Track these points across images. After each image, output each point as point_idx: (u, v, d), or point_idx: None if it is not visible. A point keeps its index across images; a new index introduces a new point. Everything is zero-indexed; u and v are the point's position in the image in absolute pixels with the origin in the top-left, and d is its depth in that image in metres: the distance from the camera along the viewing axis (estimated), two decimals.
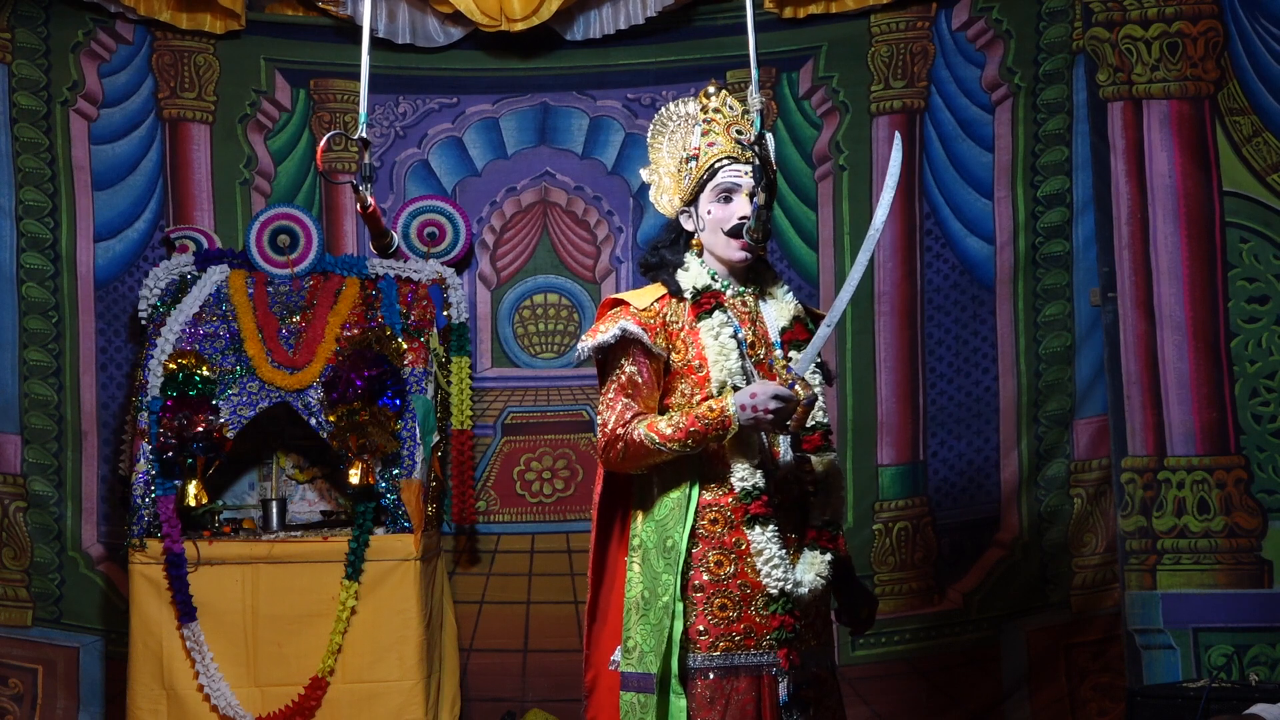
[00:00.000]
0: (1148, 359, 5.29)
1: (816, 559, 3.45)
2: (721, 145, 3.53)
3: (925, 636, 5.73)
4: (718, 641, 3.40)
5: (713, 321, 3.49)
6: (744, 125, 3.54)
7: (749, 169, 3.48)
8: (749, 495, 3.43)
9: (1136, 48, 5.35)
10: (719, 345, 3.47)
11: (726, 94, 3.61)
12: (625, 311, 3.50)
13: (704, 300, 3.51)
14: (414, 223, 5.82)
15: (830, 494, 3.53)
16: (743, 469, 3.44)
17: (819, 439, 3.54)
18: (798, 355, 3.49)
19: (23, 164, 5.64)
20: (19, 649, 5.53)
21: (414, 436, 5.32)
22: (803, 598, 3.41)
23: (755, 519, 3.41)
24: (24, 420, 5.58)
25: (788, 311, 3.57)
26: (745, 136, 3.50)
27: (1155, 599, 5.22)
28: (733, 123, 3.55)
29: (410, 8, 5.88)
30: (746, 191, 3.49)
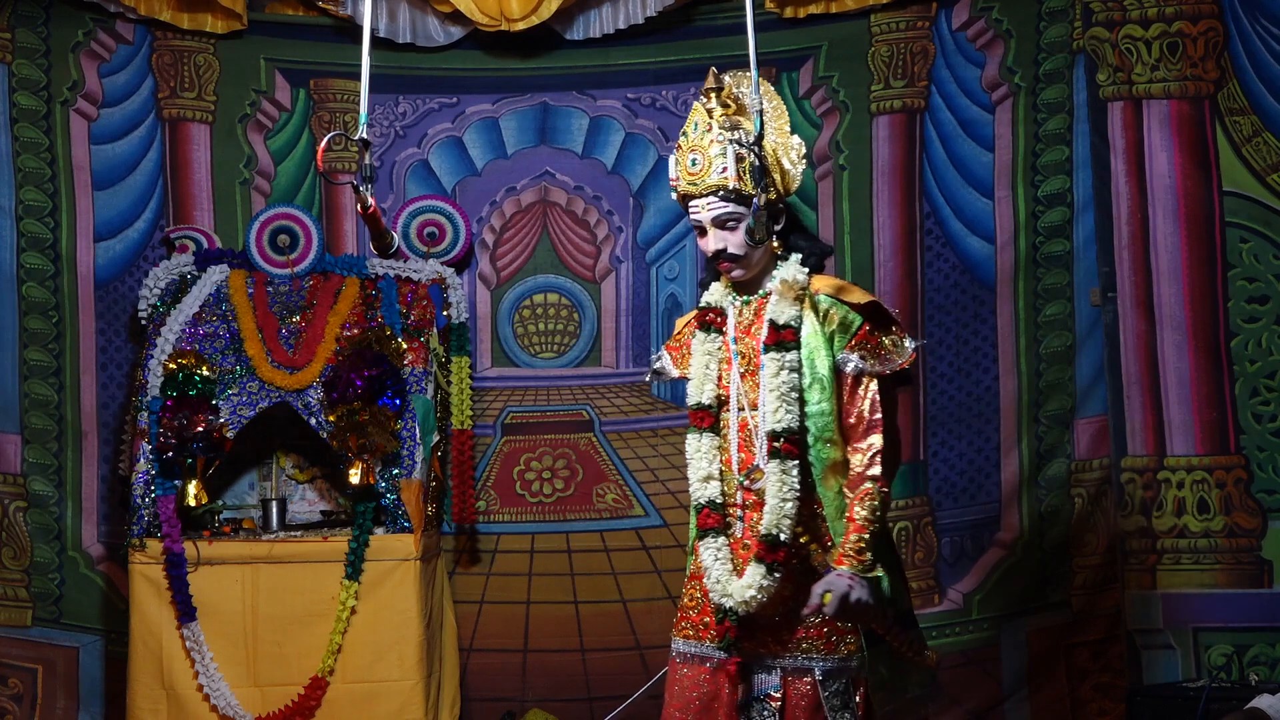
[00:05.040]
0: (1148, 359, 5.29)
1: (753, 572, 3.45)
2: (681, 184, 3.57)
3: (925, 636, 5.72)
4: (684, 627, 3.58)
5: (699, 340, 3.62)
6: (701, 149, 3.53)
7: (706, 201, 3.52)
8: (699, 508, 3.52)
9: (1136, 48, 5.35)
10: (700, 365, 3.59)
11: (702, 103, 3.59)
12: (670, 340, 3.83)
13: (701, 317, 3.63)
14: (414, 223, 5.82)
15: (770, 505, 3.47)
16: (696, 481, 3.54)
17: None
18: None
19: (23, 164, 5.64)
20: (19, 649, 5.53)
21: (414, 436, 5.32)
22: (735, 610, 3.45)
23: (704, 531, 3.51)
24: (24, 420, 5.58)
25: (781, 314, 3.55)
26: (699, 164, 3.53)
27: (1155, 599, 5.22)
28: (693, 148, 3.55)
29: (410, 7, 5.88)
30: (709, 222, 3.54)
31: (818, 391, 3.49)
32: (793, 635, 3.50)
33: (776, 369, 3.47)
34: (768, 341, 3.51)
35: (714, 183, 3.51)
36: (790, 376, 3.47)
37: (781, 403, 3.46)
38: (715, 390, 3.58)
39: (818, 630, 3.50)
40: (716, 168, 3.50)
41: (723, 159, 3.49)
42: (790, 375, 3.47)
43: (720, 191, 3.51)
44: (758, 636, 3.52)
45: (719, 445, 3.57)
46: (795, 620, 3.49)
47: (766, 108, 3.59)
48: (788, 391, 3.47)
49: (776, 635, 3.52)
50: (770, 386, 3.48)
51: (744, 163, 3.50)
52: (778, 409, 3.46)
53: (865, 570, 3.38)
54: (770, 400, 3.47)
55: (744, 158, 3.50)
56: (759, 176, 3.49)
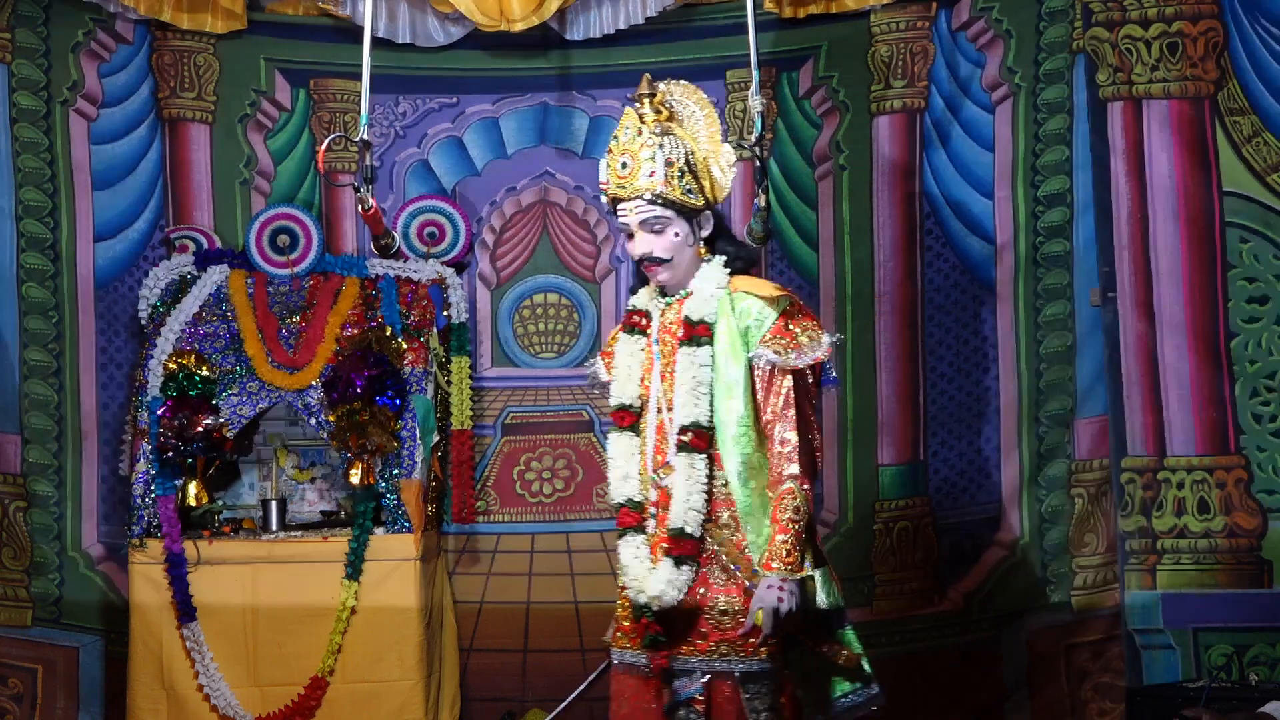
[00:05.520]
0: (1148, 359, 5.28)
1: (662, 567, 3.48)
2: (610, 187, 3.62)
3: (925, 636, 5.73)
4: (619, 637, 3.64)
5: (622, 342, 3.69)
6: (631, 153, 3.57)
7: (634, 204, 3.57)
8: (617, 507, 3.59)
9: (1136, 48, 5.35)
10: (623, 366, 3.65)
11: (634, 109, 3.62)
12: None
13: (627, 320, 3.70)
14: (414, 223, 5.82)
15: (677, 499, 3.50)
16: (615, 480, 3.61)
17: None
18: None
19: (23, 164, 5.64)
20: (19, 649, 5.53)
21: (414, 436, 5.33)
22: (650, 606, 3.48)
23: (623, 530, 3.57)
24: (24, 420, 5.58)
25: (696, 311, 3.58)
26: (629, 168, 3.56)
27: (1155, 599, 5.22)
28: (624, 151, 3.59)
29: (410, 8, 5.88)
30: (636, 226, 3.59)
31: (731, 387, 3.51)
32: (710, 639, 3.51)
33: (688, 364, 3.52)
34: (682, 337, 3.55)
35: (642, 186, 3.55)
36: (701, 372, 3.51)
37: (691, 397, 3.50)
38: (637, 391, 3.63)
39: (734, 631, 3.49)
40: (645, 171, 3.55)
41: (651, 163, 3.54)
42: (701, 370, 3.51)
43: (648, 195, 3.55)
44: (679, 640, 3.53)
45: (639, 445, 3.61)
46: (713, 622, 3.50)
47: (699, 115, 3.66)
48: (697, 386, 3.50)
49: (696, 638, 3.52)
50: (681, 381, 3.52)
51: (673, 167, 3.54)
52: (687, 403, 3.50)
53: (793, 571, 3.40)
54: (681, 395, 3.51)
55: (673, 163, 3.54)
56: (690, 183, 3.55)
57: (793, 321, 3.52)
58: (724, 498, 3.50)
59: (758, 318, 3.52)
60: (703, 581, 3.51)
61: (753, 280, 3.63)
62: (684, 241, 3.59)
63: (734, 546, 3.50)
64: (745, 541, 3.49)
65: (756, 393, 3.51)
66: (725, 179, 3.65)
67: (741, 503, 3.49)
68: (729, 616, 3.48)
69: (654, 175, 3.52)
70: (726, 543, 3.50)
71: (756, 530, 3.47)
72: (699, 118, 3.65)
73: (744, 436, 3.49)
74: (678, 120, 3.64)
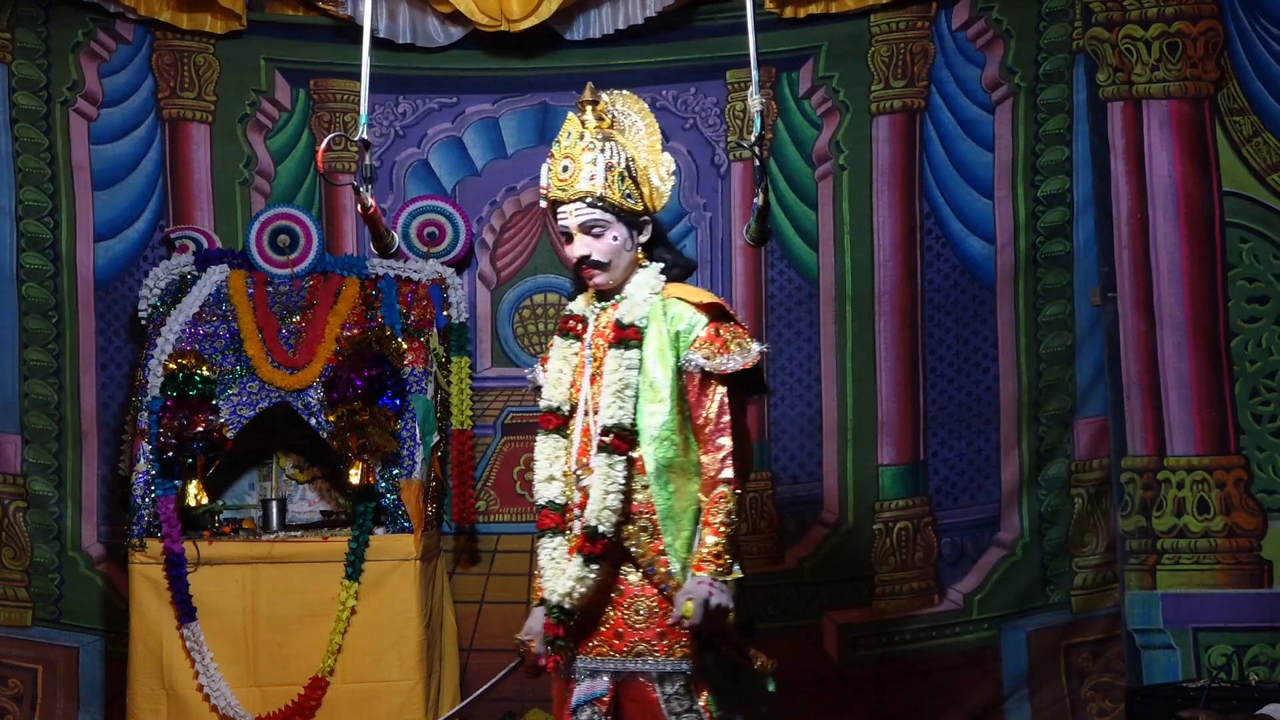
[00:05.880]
0: (1148, 359, 5.29)
1: (572, 565, 3.51)
2: (551, 190, 3.65)
3: (925, 636, 5.73)
4: None
5: (556, 346, 3.71)
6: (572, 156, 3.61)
7: (574, 207, 3.60)
8: (539, 508, 3.61)
9: (1136, 48, 5.35)
10: (554, 369, 3.68)
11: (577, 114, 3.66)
12: None
13: (563, 325, 3.72)
14: (414, 223, 5.82)
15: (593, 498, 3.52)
16: (538, 482, 3.63)
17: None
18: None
19: (23, 164, 5.64)
20: (19, 649, 5.53)
21: (414, 436, 5.32)
22: (562, 604, 3.50)
23: (541, 532, 3.60)
24: (24, 420, 5.58)
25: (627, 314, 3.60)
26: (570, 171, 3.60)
27: (1155, 599, 5.23)
28: (565, 155, 3.63)
29: (410, 8, 5.88)
30: (575, 228, 3.61)
31: (658, 391, 3.53)
32: (625, 639, 3.51)
33: (615, 365, 3.54)
34: (612, 340, 3.58)
35: (582, 189, 3.59)
36: (628, 374, 3.53)
37: (616, 399, 3.52)
38: (566, 394, 3.66)
39: (651, 632, 3.50)
40: (585, 175, 3.59)
41: (592, 167, 3.58)
42: (628, 373, 3.53)
43: (588, 198, 3.59)
44: (593, 639, 3.55)
45: (564, 447, 3.63)
46: (628, 623, 3.51)
47: (640, 124, 3.72)
48: (623, 389, 3.53)
49: (611, 638, 3.53)
50: (608, 383, 3.55)
51: (613, 172, 3.58)
52: (611, 405, 3.52)
53: (724, 573, 3.42)
54: (606, 396, 3.54)
55: (614, 167, 3.58)
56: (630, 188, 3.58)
57: (723, 328, 3.56)
58: (643, 500, 3.52)
59: (688, 324, 3.56)
60: (618, 582, 3.53)
61: (686, 288, 3.66)
62: (622, 246, 3.62)
63: (650, 548, 3.51)
64: (662, 544, 3.51)
65: (684, 398, 3.54)
66: (665, 187, 3.70)
67: (661, 505, 3.51)
68: (643, 617, 3.50)
69: (594, 179, 3.57)
70: (644, 544, 3.52)
71: (674, 534, 3.50)
72: (640, 127, 3.72)
73: (667, 440, 3.52)
74: (619, 128, 3.70)
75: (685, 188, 5.93)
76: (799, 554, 5.80)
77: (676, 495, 3.52)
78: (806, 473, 5.84)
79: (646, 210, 3.66)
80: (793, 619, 5.76)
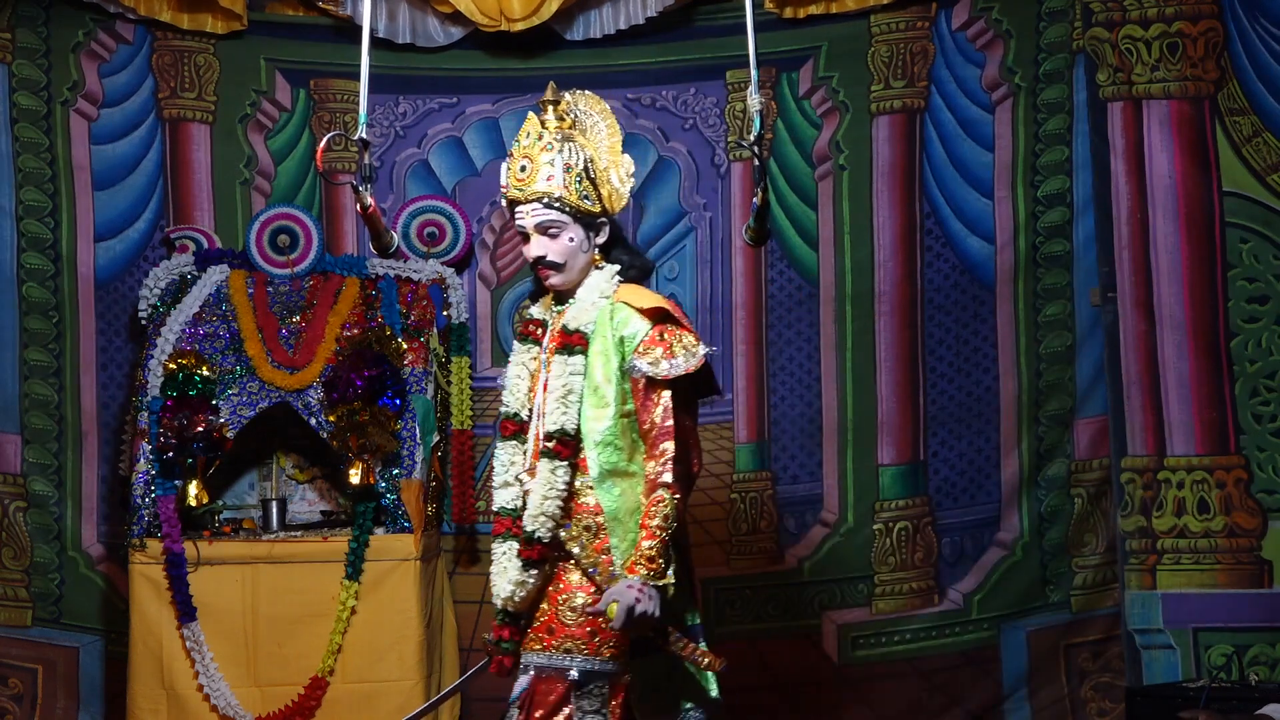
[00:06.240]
0: (1148, 359, 5.29)
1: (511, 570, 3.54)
2: (509, 189, 3.63)
3: (925, 636, 5.73)
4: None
5: (515, 351, 3.73)
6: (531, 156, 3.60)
7: (531, 207, 3.59)
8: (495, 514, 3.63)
9: (1136, 48, 5.35)
10: (513, 375, 3.69)
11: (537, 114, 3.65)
12: None
13: (522, 329, 3.75)
14: (414, 223, 5.82)
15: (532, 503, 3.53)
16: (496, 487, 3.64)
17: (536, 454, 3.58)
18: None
19: (23, 164, 5.64)
20: (19, 649, 5.53)
21: (414, 436, 5.32)
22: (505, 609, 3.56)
23: (497, 537, 3.61)
24: (24, 420, 5.58)
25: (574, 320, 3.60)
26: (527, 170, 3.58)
27: (1155, 599, 5.23)
28: (524, 154, 3.62)
29: (410, 8, 5.88)
30: (532, 228, 3.60)
31: (603, 395, 3.53)
32: (556, 634, 3.52)
33: (560, 371, 3.55)
34: (558, 345, 3.59)
35: (539, 190, 3.58)
36: (573, 380, 3.54)
37: (560, 405, 3.53)
38: (524, 400, 3.66)
39: (582, 630, 3.50)
40: (543, 175, 3.57)
41: (550, 167, 3.57)
42: (573, 379, 3.54)
43: (545, 199, 3.58)
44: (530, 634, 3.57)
45: (522, 453, 3.64)
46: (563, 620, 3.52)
47: (602, 126, 3.70)
48: (567, 394, 3.53)
49: (543, 633, 3.54)
50: (552, 389, 3.55)
51: (571, 173, 3.57)
52: (555, 410, 3.53)
53: (656, 577, 3.41)
54: (550, 402, 3.55)
55: (572, 168, 3.57)
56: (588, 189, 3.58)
57: (668, 332, 3.54)
58: (588, 502, 3.53)
59: (633, 329, 3.55)
60: (558, 578, 3.54)
61: (636, 291, 3.63)
62: (578, 247, 3.62)
63: (594, 550, 3.51)
64: (607, 545, 3.51)
65: (630, 402, 3.53)
66: (625, 189, 3.69)
67: (607, 508, 3.51)
68: (576, 614, 3.50)
69: (552, 179, 3.57)
70: (587, 546, 3.52)
71: (620, 536, 3.50)
72: (601, 128, 3.70)
73: (611, 445, 3.52)
74: (580, 129, 3.69)
75: (685, 188, 5.93)
76: (799, 554, 5.80)
77: (623, 498, 3.52)
78: (806, 473, 5.84)
79: (604, 212, 3.65)
80: (793, 619, 5.77)
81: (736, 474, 5.85)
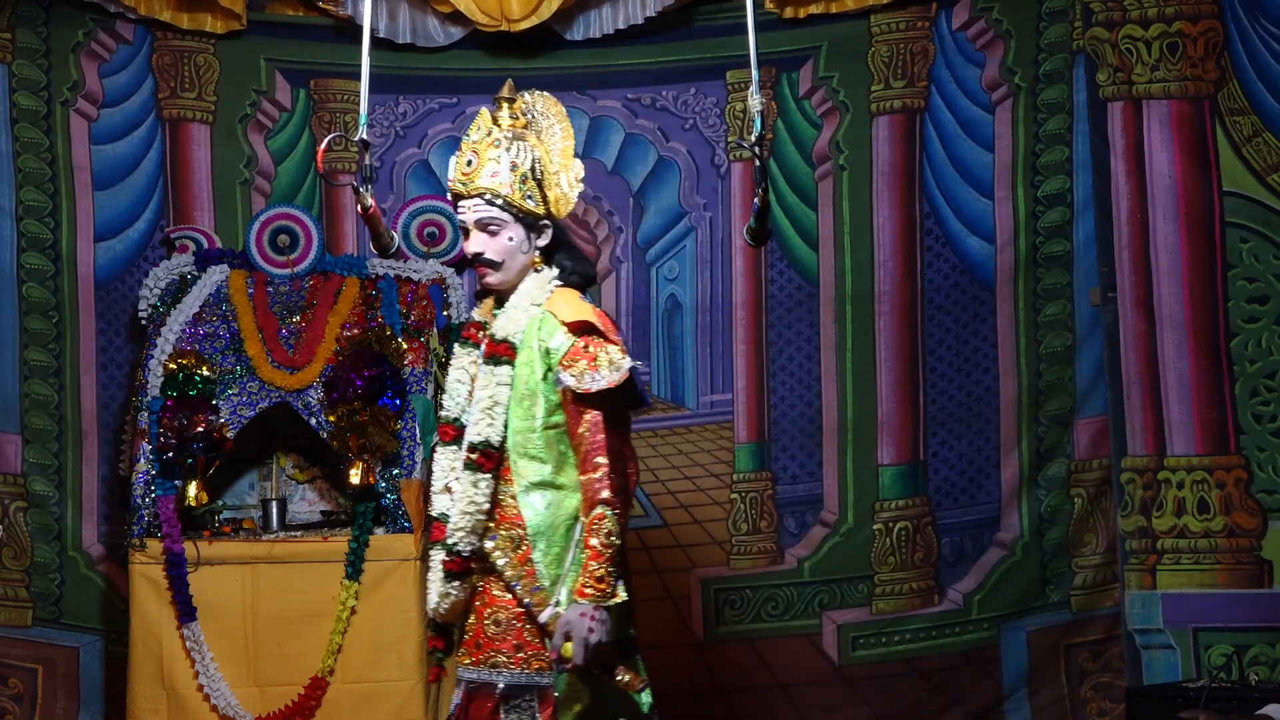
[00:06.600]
0: (1148, 359, 5.29)
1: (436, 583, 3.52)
2: (454, 183, 3.58)
3: (925, 636, 5.73)
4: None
5: (456, 354, 3.66)
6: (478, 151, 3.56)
7: (473, 202, 3.54)
8: (432, 520, 3.60)
9: (1136, 48, 5.36)
10: (453, 379, 3.63)
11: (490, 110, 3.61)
12: None
13: (464, 332, 3.68)
14: (414, 223, 5.81)
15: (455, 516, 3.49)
16: (434, 494, 3.59)
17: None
18: None
19: (23, 164, 5.64)
20: (19, 649, 5.53)
21: (414, 436, 5.32)
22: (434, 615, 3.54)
23: (434, 544, 3.57)
24: (24, 420, 5.58)
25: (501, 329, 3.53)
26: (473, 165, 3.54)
27: (1155, 599, 5.23)
28: (471, 148, 3.58)
29: (410, 8, 5.88)
30: (472, 224, 3.55)
31: (529, 406, 3.47)
32: (484, 649, 3.48)
33: (486, 382, 3.50)
34: (485, 355, 3.53)
35: (482, 185, 3.53)
36: (498, 390, 3.48)
37: (485, 416, 3.47)
38: (464, 404, 3.59)
39: (508, 644, 3.46)
40: (488, 171, 3.53)
41: (496, 164, 3.52)
42: (499, 389, 3.48)
43: (487, 195, 3.53)
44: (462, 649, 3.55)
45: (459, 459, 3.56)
46: (487, 633, 3.48)
47: (556, 128, 3.65)
48: (492, 405, 3.47)
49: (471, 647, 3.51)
50: (478, 399, 3.49)
51: (517, 171, 3.52)
52: (480, 421, 3.47)
53: (606, 598, 3.33)
54: (475, 413, 3.49)
55: (518, 166, 3.53)
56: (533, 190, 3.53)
57: (593, 344, 3.45)
58: (513, 514, 3.47)
59: (558, 341, 3.47)
60: (484, 592, 3.51)
61: (567, 300, 3.54)
62: (518, 247, 3.55)
63: (518, 561, 3.46)
64: (530, 556, 3.45)
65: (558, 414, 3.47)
66: (573, 194, 3.63)
67: (531, 520, 3.45)
68: (500, 628, 3.46)
69: (496, 176, 3.52)
70: (510, 556, 3.46)
71: (544, 550, 3.44)
72: (556, 131, 3.66)
73: (537, 458, 3.47)
74: (534, 129, 3.64)
75: (685, 188, 5.93)
76: (799, 554, 5.81)
77: (549, 510, 3.46)
78: (806, 473, 5.85)
79: (549, 214, 3.58)
80: (793, 619, 5.77)
81: (736, 474, 5.85)
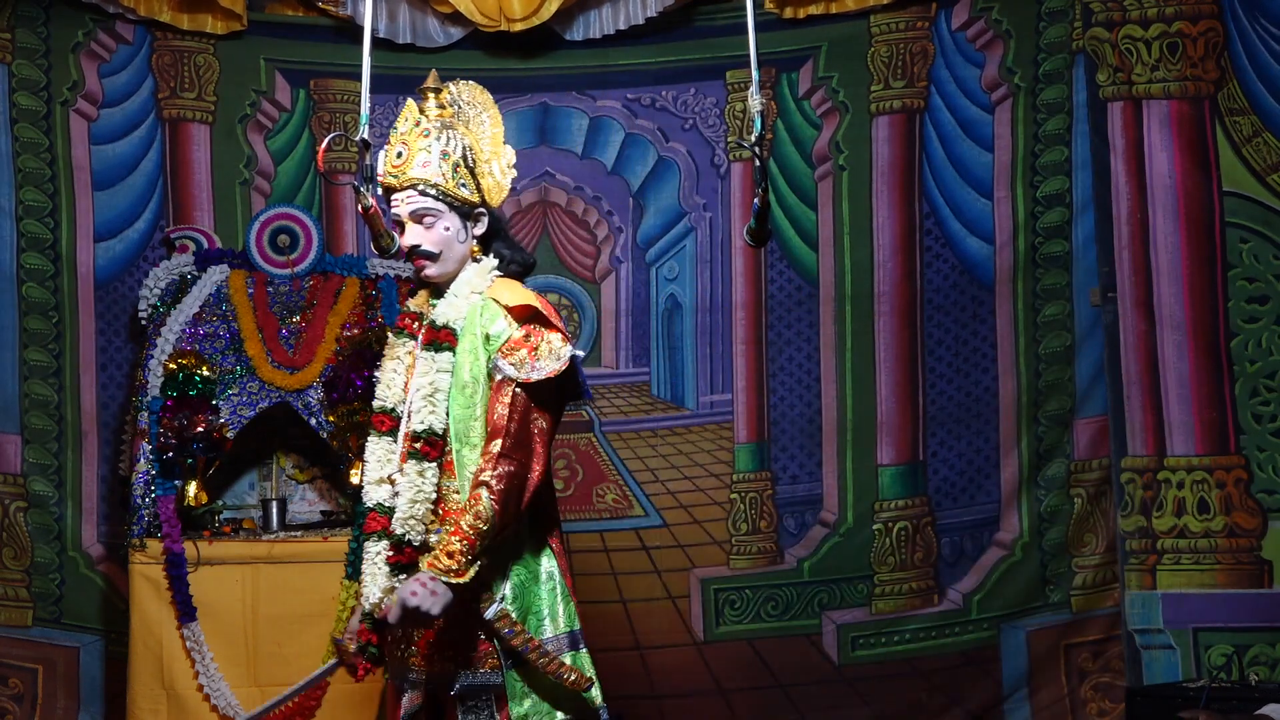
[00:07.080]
0: (1148, 359, 5.29)
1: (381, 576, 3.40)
2: (385, 177, 3.50)
3: (925, 636, 5.73)
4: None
5: (390, 344, 3.57)
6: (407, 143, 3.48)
7: (406, 194, 3.47)
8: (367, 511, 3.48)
9: (1136, 48, 5.36)
10: (388, 369, 3.54)
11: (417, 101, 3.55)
12: None
13: (399, 322, 3.59)
14: None
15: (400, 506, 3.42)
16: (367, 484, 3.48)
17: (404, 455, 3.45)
18: None
19: (23, 164, 5.64)
20: (19, 649, 5.53)
21: None
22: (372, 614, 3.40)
23: (367, 536, 3.46)
24: (24, 420, 5.58)
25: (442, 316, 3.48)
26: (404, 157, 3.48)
27: (1155, 599, 5.23)
28: (401, 141, 3.50)
29: (410, 8, 5.88)
30: (406, 217, 3.48)
31: (470, 395, 3.42)
32: (434, 649, 3.41)
33: (425, 368, 3.44)
34: (425, 342, 3.47)
35: (414, 176, 3.46)
36: (439, 378, 3.42)
37: (427, 404, 3.41)
38: (398, 395, 3.52)
39: (454, 644, 3.40)
40: (419, 161, 3.46)
41: (426, 154, 3.46)
42: (440, 377, 3.42)
43: (420, 186, 3.46)
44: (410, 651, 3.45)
45: (396, 449, 3.49)
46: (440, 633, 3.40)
47: (485, 117, 3.59)
48: (433, 393, 3.42)
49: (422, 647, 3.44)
50: (418, 387, 3.43)
51: (448, 160, 3.47)
52: (422, 410, 3.41)
53: (448, 574, 3.24)
54: (416, 401, 3.43)
55: (449, 155, 3.47)
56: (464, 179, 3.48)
57: (534, 333, 3.41)
58: (455, 506, 3.41)
59: (499, 327, 3.42)
60: None
61: (509, 288, 3.50)
62: (454, 237, 3.49)
63: None
64: None
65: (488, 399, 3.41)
66: (506, 181, 3.59)
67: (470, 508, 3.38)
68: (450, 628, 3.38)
69: (427, 166, 3.46)
70: None
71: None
72: (485, 119, 3.60)
73: (472, 445, 3.41)
74: (462, 119, 3.58)
75: (685, 188, 5.93)
76: (799, 554, 5.81)
77: None
78: (806, 473, 5.85)
79: (483, 202, 3.53)
80: (792, 619, 5.77)
81: (736, 474, 5.85)
